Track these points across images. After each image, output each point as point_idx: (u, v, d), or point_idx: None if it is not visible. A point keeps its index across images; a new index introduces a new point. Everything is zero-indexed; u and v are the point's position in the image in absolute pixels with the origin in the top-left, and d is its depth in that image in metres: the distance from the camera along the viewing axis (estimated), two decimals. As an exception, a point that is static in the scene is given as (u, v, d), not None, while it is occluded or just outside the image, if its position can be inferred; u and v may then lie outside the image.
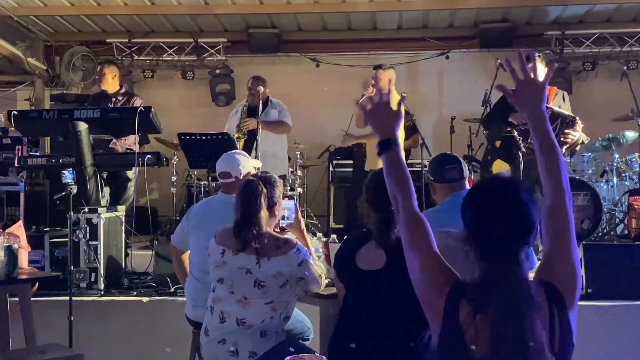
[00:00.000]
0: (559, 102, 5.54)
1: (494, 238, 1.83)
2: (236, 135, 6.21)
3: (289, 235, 3.49)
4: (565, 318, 1.80)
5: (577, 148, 5.79)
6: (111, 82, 6.63)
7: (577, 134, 5.21)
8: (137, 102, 6.49)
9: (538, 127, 2.04)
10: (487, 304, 1.78)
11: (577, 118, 5.20)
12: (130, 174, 6.01)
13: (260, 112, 6.27)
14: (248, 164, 3.94)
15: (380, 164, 2.21)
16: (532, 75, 2.06)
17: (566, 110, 5.51)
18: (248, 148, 6.04)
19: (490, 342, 1.75)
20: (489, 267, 1.83)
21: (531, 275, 1.93)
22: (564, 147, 5.21)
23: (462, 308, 1.81)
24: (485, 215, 1.87)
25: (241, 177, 3.79)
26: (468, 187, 3.49)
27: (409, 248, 2.01)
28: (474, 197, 1.95)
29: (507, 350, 1.74)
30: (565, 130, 5.14)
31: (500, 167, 6.63)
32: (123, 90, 6.73)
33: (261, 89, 6.30)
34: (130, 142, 6.28)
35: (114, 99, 6.53)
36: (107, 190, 5.46)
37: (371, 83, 6.31)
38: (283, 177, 6.28)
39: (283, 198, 3.34)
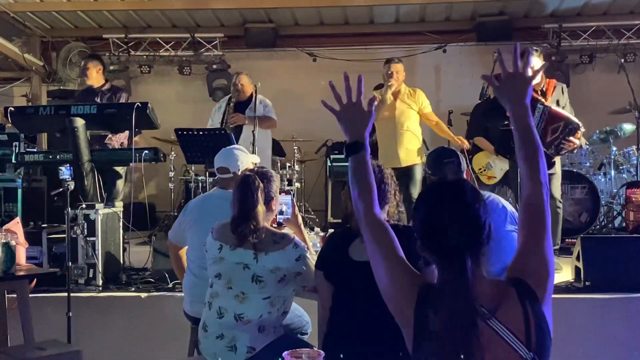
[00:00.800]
0: (558, 95, 5.43)
1: (443, 243, 1.79)
2: None
3: (286, 230, 3.49)
4: (539, 312, 1.75)
5: (574, 151, 5.75)
6: (96, 77, 6.57)
7: (577, 142, 5.08)
8: (123, 97, 6.45)
9: (520, 122, 2.00)
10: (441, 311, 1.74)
11: (581, 125, 5.05)
12: (120, 169, 5.98)
13: (247, 107, 6.26)
14: (246, 160, 3.92)
15: (394, 163, 2.17)
16: (521, 70, 2.02)
17: (564, 102, 5.43)
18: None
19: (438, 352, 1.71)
20: (442, 271, 1.79)
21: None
22: (563, 152, 5.09)
23: (431, 317, 1.77)
24: (431, 220, 1.82)
25: (239, 173, 3.76)
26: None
27: (374, 256, 1.96)
28: (419, 202, 1.90)
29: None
30: (568, 138, 4.94)
31: (479, 160, 6.61)
32: (108, 85, 6.65)
33: (249, 82, 6.31)
34: (123, 136, 6.26)
35: (99, 94, 6.49)
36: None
37: (389, 77, 6.21)
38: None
39: (280, 193, 3.34)
